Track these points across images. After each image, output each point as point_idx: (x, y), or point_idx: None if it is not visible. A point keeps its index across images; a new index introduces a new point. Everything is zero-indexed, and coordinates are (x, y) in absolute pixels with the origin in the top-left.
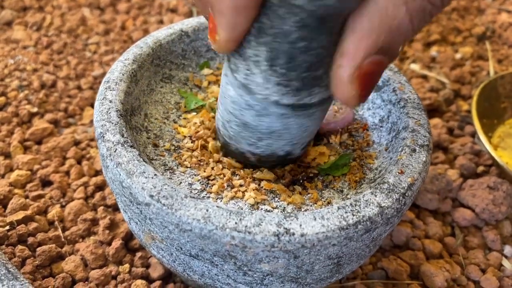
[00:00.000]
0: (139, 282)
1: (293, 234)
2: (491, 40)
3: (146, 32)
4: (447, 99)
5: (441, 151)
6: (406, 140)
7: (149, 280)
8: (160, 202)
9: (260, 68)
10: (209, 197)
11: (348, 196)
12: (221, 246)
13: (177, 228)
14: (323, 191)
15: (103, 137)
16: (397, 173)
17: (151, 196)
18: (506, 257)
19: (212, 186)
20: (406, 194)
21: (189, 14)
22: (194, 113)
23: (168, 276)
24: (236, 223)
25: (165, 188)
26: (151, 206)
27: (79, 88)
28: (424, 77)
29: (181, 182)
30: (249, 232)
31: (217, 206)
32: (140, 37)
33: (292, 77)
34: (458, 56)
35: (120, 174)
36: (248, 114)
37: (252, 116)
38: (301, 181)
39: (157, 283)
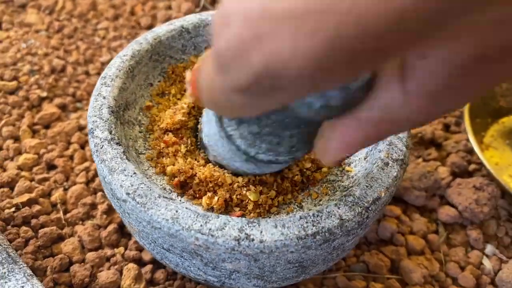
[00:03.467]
0: (131, 265)
1: (253, 240)
2: None
3: (154, 18)
4: None
5: (434, 147)
6: (382, 152)
7: (141, 263)
8: (135, 200)
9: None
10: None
11: (321, 202)
12: (187, 245)
13: (149, 225)
14: (298, 194)
15: (93, 133)
16: (365, 187)
17: (128, 193)
18: (487, 256)
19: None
20: (370, 208)
21: (197, 1)
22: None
23: None
24: (201, 225)
25: (141, 187)
26: (127, 202)
27: (87, 73)
28: None
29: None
30: (212, 235)
31: (187, 208)
32: (147, 23)
33: (278, 154)
34: None
35: (103, 170)
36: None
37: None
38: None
39: (149, 266)
